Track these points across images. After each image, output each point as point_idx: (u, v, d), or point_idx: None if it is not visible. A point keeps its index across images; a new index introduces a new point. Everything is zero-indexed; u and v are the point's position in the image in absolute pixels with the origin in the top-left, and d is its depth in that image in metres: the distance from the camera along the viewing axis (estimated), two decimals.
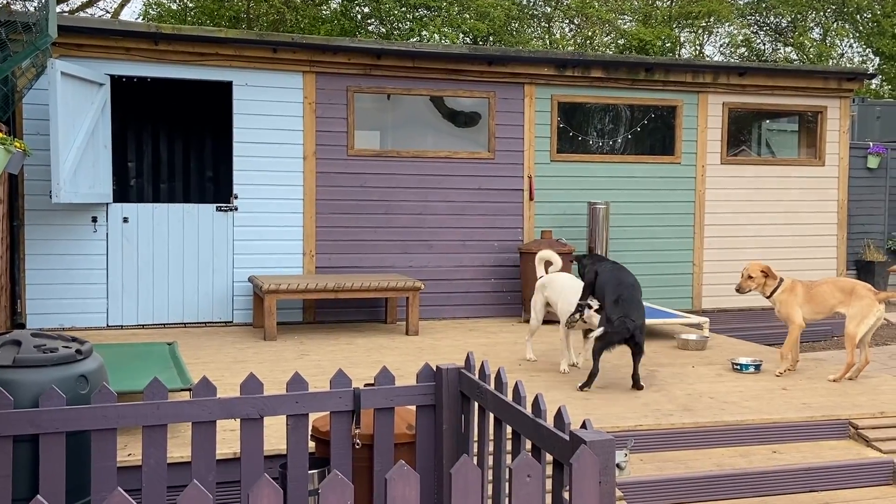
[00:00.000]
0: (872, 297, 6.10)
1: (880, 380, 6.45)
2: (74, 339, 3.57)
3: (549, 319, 8.77)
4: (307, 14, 20.75)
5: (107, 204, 8.10)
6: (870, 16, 24.20)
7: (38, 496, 1.92)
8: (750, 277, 6.36)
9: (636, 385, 5.82)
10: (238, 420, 3.26)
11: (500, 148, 9.17)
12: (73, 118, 7.40)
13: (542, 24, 24.72)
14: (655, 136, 9.91)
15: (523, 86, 9.21)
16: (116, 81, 8.65)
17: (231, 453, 4.11)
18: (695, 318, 8.15)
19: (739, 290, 6.47)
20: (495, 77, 9.08)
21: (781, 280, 6.37)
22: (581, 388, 5.73)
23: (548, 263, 6.87)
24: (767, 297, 6.42)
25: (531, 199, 9.27)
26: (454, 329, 8.48)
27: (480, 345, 7.54)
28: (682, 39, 24.34)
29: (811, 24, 25.55)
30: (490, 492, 3.22)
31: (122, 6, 21.23)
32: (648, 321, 7.86)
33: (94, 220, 8.08)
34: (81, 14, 19.81)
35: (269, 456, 3.98)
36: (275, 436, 4.15)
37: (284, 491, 3.37)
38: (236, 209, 8.44)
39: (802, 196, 10.22)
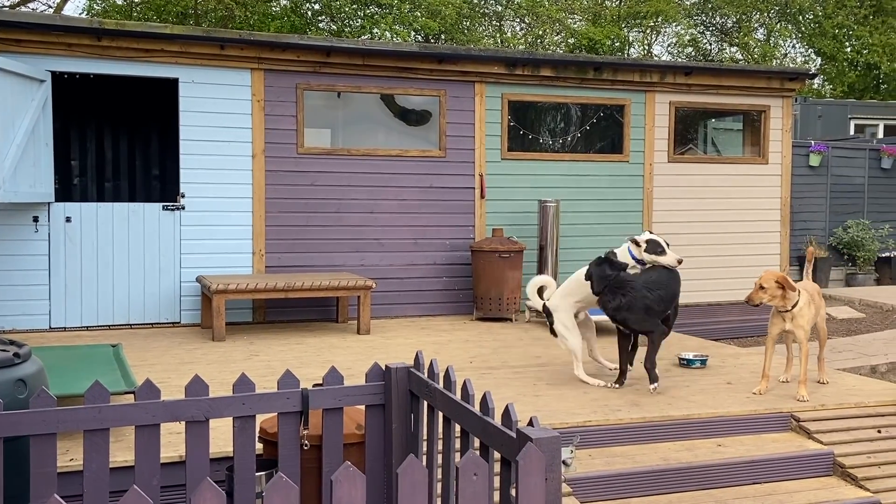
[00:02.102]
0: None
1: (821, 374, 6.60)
2: (12, 343, 3.48)
3: (497, 316, 8.85)
4: (257, 10, 20.54)
5: (48, 203, 7.91)
6: (812, 17, 24.80)
7: None
8: (762, 288, 5.48)
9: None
10: (183, 423, 3.21)
11: (451, 146, 9.18)
12: (13, 115, 7.21)
13: (494, 22, 24.82)
14: (604, 134, 10.02)
15: (474, 84, 9.24)
16: (58, 78, 8.45)
17: (177, 456, 4.04)
18: None
19: (749, 301, 5.60)
20: (446, 75, 9.09)
21: (800, 291, 5.58)
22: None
23: (542, 289, 6.31)
24: (787, 311, 5.57)
25: (482, 197, 9.30)
26: (406, 328, 8.47)
27: (432, 343, 7.54)
28: (630, 39, 24.67)
29: (756, 25, 26.10)
30: (440, 490, 3.23)
31: (65, 1, 20.75)
32: (598, 318, 7.96)
33: (36, 219, 7.89)
34: (23, 9, 19.32)
35: (217, 459, 3.94)
36: (222, 438, 4.10)
37: (231, 494, 3.33)
38: (183, 208, 8.31)
39: (747, 193, 10.42)
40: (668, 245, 5.88)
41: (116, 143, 11.07)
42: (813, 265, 6.52)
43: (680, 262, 5.83)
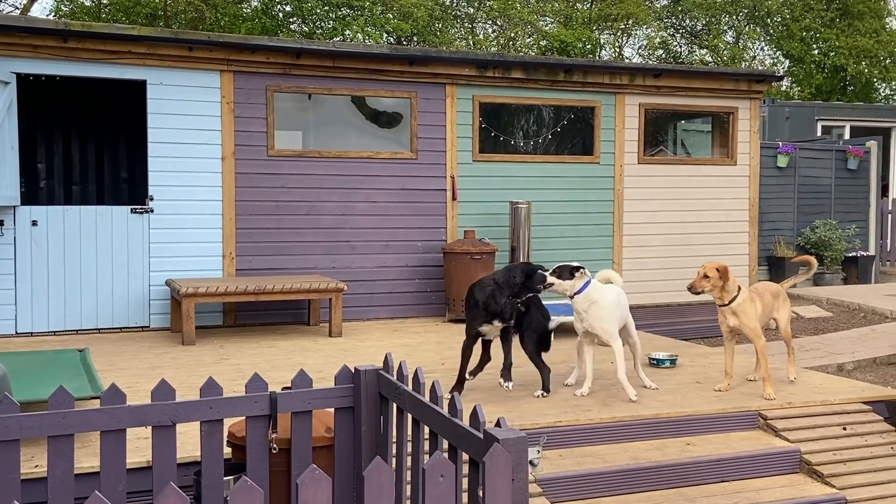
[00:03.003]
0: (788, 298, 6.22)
1: (789, 371, 6.69)
2: None
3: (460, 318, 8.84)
4: (227, 12, 20.41)
5: (14, 207, 7.80)
6: (780, 20, 25.12)
7: None
8: (706, 277, 5.57)
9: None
10: (149, 427, 3.18)
11: (422, 148, 9.18)
12: None
13: (466, 24, 24.86)
14: (575, 136, 10.08)
15: (445, 86, 9.25)
16: (24, 80, 8.34)
17: (144, 462, 4.01)
18: None
19: (692, 288, 5.65)
20: (417, 77, 9.09)
21: (740, 288, 5.69)
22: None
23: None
24: (724, 306, 5.66)
25: (454, 198, 9.31)
26: (378, 330, 8.45)
27: (404, 345, 7.53)
28: (602, 41, 24.81)
29: (725, 28, 26.37)
30: (409, 492, 3.23)
31: (31, 2, 20.49)
32: (570, 318, 7.99)
33: (1, 223, 7.77)
34: None
35: (185, 463, 3.90)
36: (190, 443, 4.06)
37: (199, 499, 3.31)
38: (152, 211, 8.24)
39: (716, 194, 10.53)
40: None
41: (84, 146, 10.94)
42: (812, 273, 6.68)
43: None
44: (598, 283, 5.74)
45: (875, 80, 25.02)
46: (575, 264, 5.64)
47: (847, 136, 17.09)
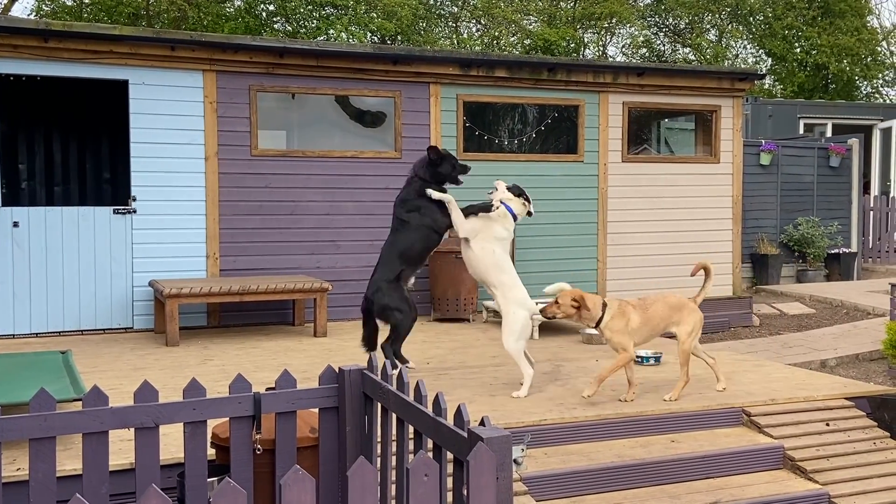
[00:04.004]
0: (699, 311, 5.66)
1: (772, 367, 6.74)
2: None
3: (454, 317, 8.86)
4: (210, 11, 20.32)
5: None
6: (762, 18, 25.26)
7: None
8: (556, 303, 5.43)
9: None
10: (132, 429, 3.16)
11: (406, 147, 9.16)
12: None
13: (450, 23, 24.87)
14: (559, 135, 10.09)
15: (429, 85, 9.24)
16: (4, 80, 8.27)
17: (128, 464, 3.98)
18: None
19: (543, 313, 5.50)
20: (401, 76, 9.07)
21: (605, 305, 5.46)
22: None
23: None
24: (594, 328, 5.54)
25: None
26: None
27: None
28: (585, 40, 24.88)
29: (707, 26, 26.50)
30: (394, 492, 3.22)
31: (12, 2, 20.32)
32: None
33: None
34: None
35: (168, 465, 3.88)
36: (174, 444, 4.04)
37: (183, 501, 3.29)
38: (135, 212, 8.19)
39: (699, 192, 10.58)
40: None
41: (66, 147, 10.86)
42: (711, 279, 5.84)
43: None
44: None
45: (856, 78, 25.21)
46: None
47: (829, 133, 17.22)
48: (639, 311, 5.50)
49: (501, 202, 6.03)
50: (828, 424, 5.45)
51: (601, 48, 25.84)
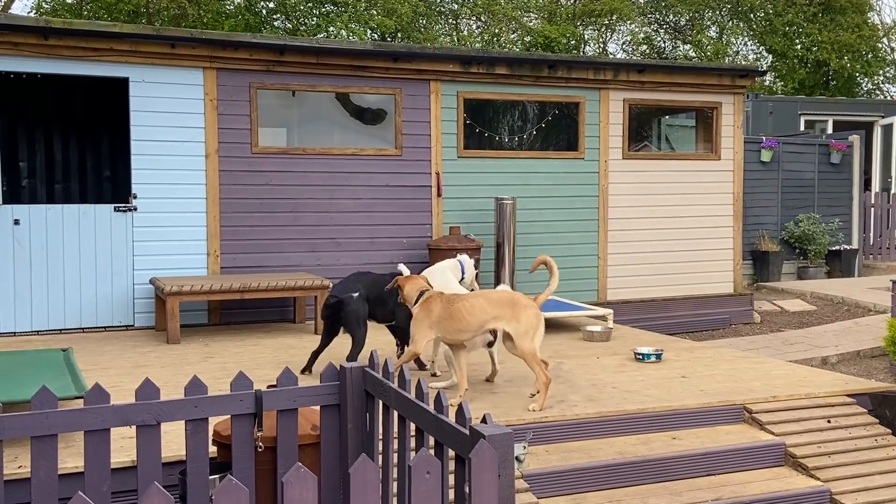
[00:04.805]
0: (537, 307, 5.26)
1: (773, 364, 6.74)
2: None
3: None
4: (210, 9, 20.30)
5: None
6: (762, 15, 25.23)
7: None
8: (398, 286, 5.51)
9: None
10: (134, 427, 3.16)
11: (407, 144, 9.16)
12: None
13: (450, 20, 24.86)
14: (560, 132, 10.08)
15: (429, 82, 9.23)
16: (4, 78, 8.26)
17: (129, 461, 3.98)
18: (599, 310, 8.34)
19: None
20: (401, 74, 9.06)
21: (422, 293, 5.31)
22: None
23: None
24: None
25: (439, 195, 9.30)
26: None
27: (390, 342, 7.49)
28: (586, 37, 24.86)
29: (708, 23, 26.48)
30: (396, 489, 3.22)
31: (12, 0, 20.30)
32: (555, 314, 8.02)
33: None
34: None
35: (170, 462, 3.88)
36: (176, 442, 4.05)
37: (185, 498, 3.29)
38: (135, 209, 8.18)
39: (700, 189, 10.57)
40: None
41: (66, 144, 10.85)
42: (555, 277, 5.55)
43: None
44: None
45: (857, 74, 25.18)
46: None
47: (830, 130, 17.20)
48: (444, 303, 5.21)
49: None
50: (829, 421, 5.45)
51: (601, 45, 25.82)
